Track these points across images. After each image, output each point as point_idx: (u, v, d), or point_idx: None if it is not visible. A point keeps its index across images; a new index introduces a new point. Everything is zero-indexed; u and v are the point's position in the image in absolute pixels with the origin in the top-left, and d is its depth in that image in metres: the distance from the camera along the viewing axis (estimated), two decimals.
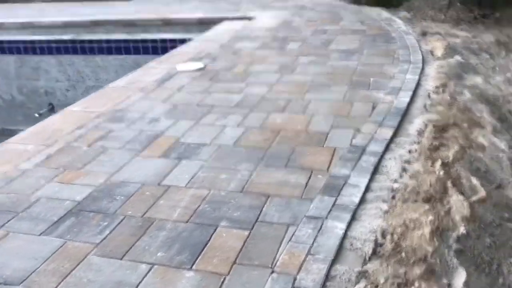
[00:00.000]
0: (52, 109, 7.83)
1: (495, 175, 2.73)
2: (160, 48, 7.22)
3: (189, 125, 3.41)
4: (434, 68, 4.46)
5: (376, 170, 2.66)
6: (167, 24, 7.81)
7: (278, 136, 3.17)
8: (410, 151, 2.89)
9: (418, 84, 4.02)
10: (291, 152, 2.92)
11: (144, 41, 7.45)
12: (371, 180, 2.56)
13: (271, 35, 6.08)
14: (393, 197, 2.41)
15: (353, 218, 2.25)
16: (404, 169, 2.69)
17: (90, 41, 7.72)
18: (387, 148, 2.92)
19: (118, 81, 4.67)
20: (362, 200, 2.39)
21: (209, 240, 2.14)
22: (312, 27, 6.39)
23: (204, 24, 7.56)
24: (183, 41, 6.79)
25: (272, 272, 1.92)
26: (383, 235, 2.13)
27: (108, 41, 7.63)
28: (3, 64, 8.39)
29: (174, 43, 7.07)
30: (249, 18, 7.33)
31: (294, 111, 3.59)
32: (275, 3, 8.58)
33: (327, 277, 1.89)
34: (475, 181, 2.60)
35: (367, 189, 2.48)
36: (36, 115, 7.34)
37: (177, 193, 2.53)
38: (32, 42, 8.05)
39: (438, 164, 2.73)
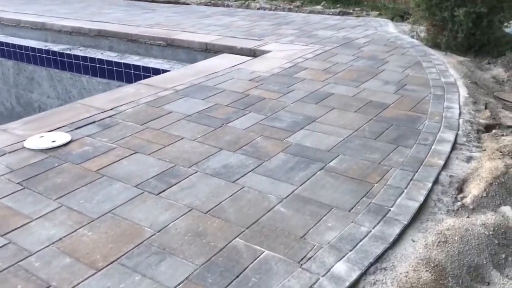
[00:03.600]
0: None
1: None
2: (143, 76, 5.57)
3: None
4: (424, 246, 2.09)
5: None
6: (170, 45, 6.12)
7: None
8: None
9: None
10: None
11: (127, 66, 5.85)
12: None
13: (247, 89, 4.03)
14: None
15: None
16: None
17: (77, 57, 6.34)
18: None
19: None
20: None
21: None
22: (318, 84, 4.17)
23: (210, 52, 5.76)
24: (162, 72, 5.07)
25: None
26: None
27: (93, 60, 6.17)
28: (4, 68, 7.46)
29: (157, 73, 5.38)
30: (259, 53, 5.31)
31: None
32: (323, 32, 6.38)
33: None
34: None
35: None
36: None
37: None
38: (27, 49, 6.94)
39: None
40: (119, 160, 2.85)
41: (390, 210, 2.31)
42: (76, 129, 3.28)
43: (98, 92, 6.05)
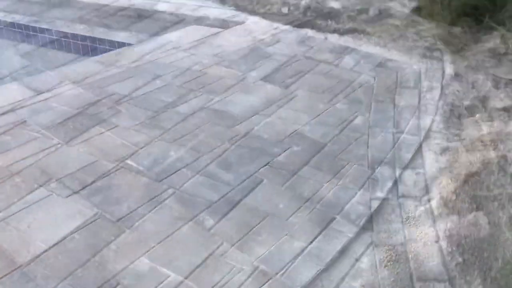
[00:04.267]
0: None
1: None
2: (108, 51, 5.14)
3: None
4: (369, 267, 1.71)
5: None
6: (141, 16, 5.66)
7: None
8: None
9: None
10: None
11: (93, 39, 5.42)
12: None
13: (207, 66, 3.58)
14: None
15: None
16: None
17: (42, 30, 5.90)
18: None
19: None
20: None
21: None
22: (288, 59, 3.72)
23: (182, 23, 5.30)
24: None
25: None
26: None
27: (58, 32, 5.73)
28: None
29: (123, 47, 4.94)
30: (233, 25, 4.84)
31: None
32: None
33: None
34: None
35: None
36: None
37: None
38: None
39: None
40: (37, 153, 2.46)
41: (335, 218, 1.92)
42: (1, 115, 2.90)
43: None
